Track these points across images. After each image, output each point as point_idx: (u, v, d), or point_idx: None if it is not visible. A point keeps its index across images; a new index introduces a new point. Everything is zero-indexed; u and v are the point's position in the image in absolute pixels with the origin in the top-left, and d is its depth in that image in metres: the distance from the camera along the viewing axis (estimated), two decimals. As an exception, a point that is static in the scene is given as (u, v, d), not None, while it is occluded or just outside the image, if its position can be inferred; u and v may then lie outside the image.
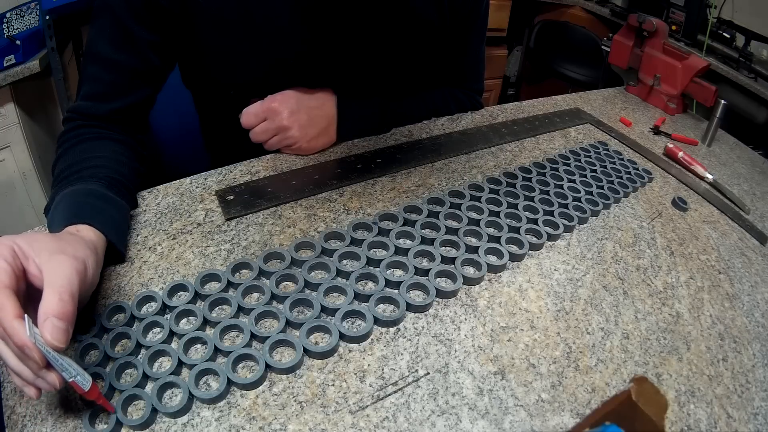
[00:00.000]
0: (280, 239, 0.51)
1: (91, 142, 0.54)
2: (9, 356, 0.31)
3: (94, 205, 0.45)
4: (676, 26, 1.80)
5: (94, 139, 0.55)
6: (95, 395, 0.33)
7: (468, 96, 0.82)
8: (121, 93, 0.57)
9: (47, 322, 0.30)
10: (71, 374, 0.31)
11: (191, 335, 0.39)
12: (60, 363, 0.31)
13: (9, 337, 0.30)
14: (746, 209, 0.72)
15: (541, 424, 0.37)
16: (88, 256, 0.37)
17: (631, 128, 0.89)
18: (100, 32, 0.54)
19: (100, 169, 0.50)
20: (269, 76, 0.61)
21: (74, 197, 0.45)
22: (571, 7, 2.34)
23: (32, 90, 1.40)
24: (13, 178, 1.42)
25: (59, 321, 0.31)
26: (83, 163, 0.51)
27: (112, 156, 0.53)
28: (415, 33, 0.66)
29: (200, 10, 0.55)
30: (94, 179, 0.48)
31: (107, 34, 0.54)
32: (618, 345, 0.45)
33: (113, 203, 0.47)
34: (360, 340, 0.41)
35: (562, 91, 1.70)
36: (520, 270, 0.51)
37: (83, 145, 0.54)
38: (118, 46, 0.54)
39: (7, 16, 1.33)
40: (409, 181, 0.62)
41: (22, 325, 0.30)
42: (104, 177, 0.49)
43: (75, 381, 0.31)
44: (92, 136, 0.55)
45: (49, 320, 0.30)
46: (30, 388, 0.32)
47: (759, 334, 0.51)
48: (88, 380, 0.32)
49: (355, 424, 0.35)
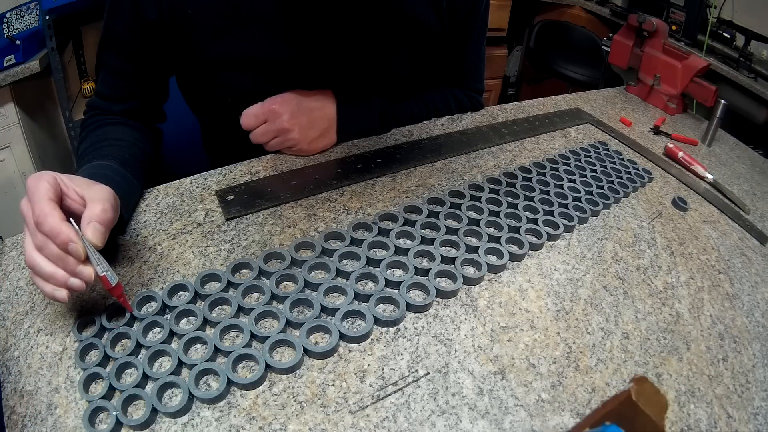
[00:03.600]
0: (280, 239, 0.51)
1: (111, 127, 0.60)
2: (44, 264, 0.36)
3: (106, 175, 0.49)
4: (676, 26, 1.80)
5: (113, 124, 0.61)
6: (119, 292, 0.39)
7: (468, 96, 0.82)
8: (127, 97, 0.62)
9: (91, 224, 0.37)
10: (104, 269, 0.37)
11: (191, 335, 0.39)
12: (97, 257, 0.37)
13: (55, 237, 0.35)
14: (746, 209, 0.72)
15: (541, 424, 0.37)
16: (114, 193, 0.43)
17: (631, 128, 0.89)
18: (105, 43, 0.58)
19: (116, 149, 0.56)
20: (264, 81, 0.61)
21: (91, 170, 0.49)
22: (571, 7, 2.34)
23: (32, 90, 1.40)
24: (13, 178, 1.42)
25: (100, 225, 0.38)
26: (101, 143, 0.57)
27: (129, 139, 0.59)
28: (413, 36, 0.66)
29: (190, 21, 0.56)
30: (109, 157, 0.53)
31: (109, 46, 0.58)
32: (618, 345, 0.45)
33: (125, 178, 0.51)
34: (360, 340, 0.41)
35: (562, 91, 1.70)
36: (520, 270, 0.51)
37: (103, 129, 0.60)
38: (119, 56, 0.58)
39: (7, 16, 1.33)
40: (409, 181, 0.62)
41: (69, 226, 0.36)
42: (118, 156, 0.54)
43: (106, 275, 0.37)
44: (111, 122, 0.61)
45: (92, 223, 0.37)
46: (61, 291, 0.36)
47: (759, 334, 0.51)
48: (115, 278, 0.38)
49: (355, 424, 0.35)
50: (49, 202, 0.36)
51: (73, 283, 0.36)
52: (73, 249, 0.35)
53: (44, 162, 1.48)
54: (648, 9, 1.79)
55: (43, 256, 0.36)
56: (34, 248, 0.36)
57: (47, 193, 0.36)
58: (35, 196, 0.36)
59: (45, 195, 0.36)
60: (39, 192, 0.36)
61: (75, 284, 0.36)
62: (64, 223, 0.35)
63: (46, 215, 0.35)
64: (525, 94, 2.68)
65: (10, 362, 0.38)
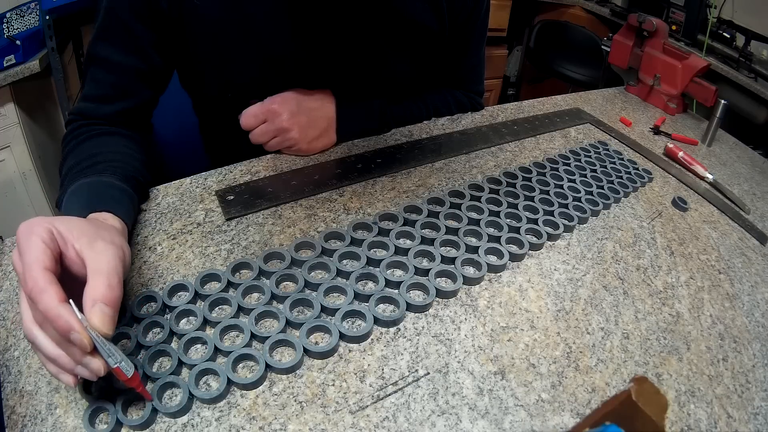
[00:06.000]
0: (280, 239, 0.51)
1: (103, 138, 0.55)
2: (45, 343, 0.30)
3: (113, 196, 0.45)
4: (676, 26, 1.80)
5: (104, 135, 0.55)
6: (136, 383, 0.33)
7: (468, 97, 0.82)
8: (124, 95, 0.57)
9: (96, 307, 0.30)
10: (116, 360, 0.31)
11: (191, 335, 0.39)
12: (108, 348, 0.31)
13: (52, 321, 0.29)
14: (746, 209, 0.72)
15: (541, 424, 0.37)
16: (124, 243, 0.37)
17: (631, 128, 0.89)
18: (102, 35, 0.55)
19: (114, 162, 0.51)
20: (265, 78, 0.61)
21: (94, 187, 0.45)
22: (571, 7, 2.34)
23: (32, 90, 1.40)
24: (13, 178, 1.42)
25: (107, 307, 0.30)
26: (97, 157, 0.51)
27: (124, 150, 0.54)
28: (413, 38, 0.66)
29: (196, 13, 0.55)
30: (108, 172, 0.49)
31: (110, 36, 0.54)
32: (618, 345, 0.45)
33: (129, 196, 0.48)
34: (360, 340, 0.41)
35: (562, 91, 1.70)
36: (520, 270, 0.51)
37: (95, 140, 0.54)
38: (120, 48, 0.55)
39: (7, 16, 1.33)
40: (409, 181, 0.62)
41: (69, 310, 0.29)
42: (119, 170, 0.49)
43: (119, 367, 0.31)
44: (102, 132, 0.55)
45: (98, 305, 0.30)
46: (67, 376, 0.31)
47: (759, 334, 0.51)
48: (131, 367, 0.32)
49: (355, 424, 0.35)
50: (44, 273, 0.29)
51: (82, 372, 0.31)
52: (77, 339, 0.29)
53: (44, 162, 1.48)
54: (648, 9, 1.79)
55: (44, 334, 0.30)
56: (33, 321, 0.30)
57: (40, 257, 0.30)
58: (26, 258, 0.30)
59: (38, 260, 0.30)
60: (30, 254, 0.30)
61: (84, 374, 0.31)
62: (63, 306, 0.29)
63: (41, 291, 0.29)
64: (525, 94, 2.68)
65: (10, 362, 0.38)
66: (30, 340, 0.31)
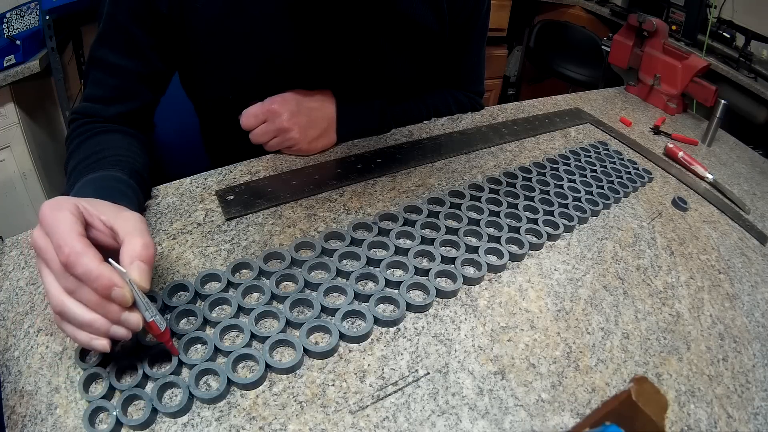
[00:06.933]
0: (280, 239, 0.51)
1: (107, 135, 0.56)
2: (79, 311, 0.31)
3: (121, 190, 0.46)
4: (676, 26, 1.80)
5: (108, 132, 0.56)
6: (167, 337, 0.35)
7: (468, 98, 0.82)
8: (125, 97, 0.58)
9: (134, 264, 0.32)
10: (152, 313, 0.33)
11: (191, 335, 0.39)
12: (145, 301, 0.33)
13: (94, 281, 0.30)
14: (746, 209, 0.72)
15: (541, 424, 0.37)
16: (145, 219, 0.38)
17: (631, 128, 0.89)
18: (103, 39, 0.56)
19: (121, 158, 0.51)
20: (266, 78, 0.61)
21: (101, 181, 0.46)
22: (571, 7, 2.34)
23: (32, 90, 1.40)
24: (13, 178, 1.42)
25: (144, 264, 0.33)
26: (104, 152, 0.51)
27: (129, 147, 0.55)
28: (413, 39, 0.66)
29: (197, 15, 0.55)
30: (116, 168, 0.49)
31: (110, 40, 0.55)
32: (618, 345, 0.45)
33: (135, 191, 0.48)
34: (360, 340, 0.41)
35: (562, 91, 1.70)
36: (520, 270, 0.51)
37: (99, 137, 0.55)
38: (121, 51, 0.55)
39: (7, 16, 1.33)
40: (409, 181, 0.62)
41: (110, 268, 0.31)
42: (126, 167, 0.50)
43: (155, 320, 0.33)
44: (106, 130, 0.56)
45: (136, 263, 0.32)
46: (101, 340, 0.32)
47: (759, 334, 0.51)
48: (164, 321, 0.35)
49: (355, 424, 0.35)
50: (80, 239, 0.31)
51: (117, 331, 0.32)
52: (119, 295, 0.31)
53: (44, 162, 1.48)
54: (648, 9, 1.79)
55: (76, 301, 0.31)
56: (63, 292, 0.31)
57: (74, 226, 0.31)
58: (57, 229, 0.31)
59: (72, 229, 0.31)
60: (62, 225, 0.31)
61: (119, 333, 0.32)
62: (104, 265, 0.31)
63: (80, 255, 0.30)
64: (525, 94, 2.68)
65: (10, 362, 0.38)
66: (59, 311, 0.32)
